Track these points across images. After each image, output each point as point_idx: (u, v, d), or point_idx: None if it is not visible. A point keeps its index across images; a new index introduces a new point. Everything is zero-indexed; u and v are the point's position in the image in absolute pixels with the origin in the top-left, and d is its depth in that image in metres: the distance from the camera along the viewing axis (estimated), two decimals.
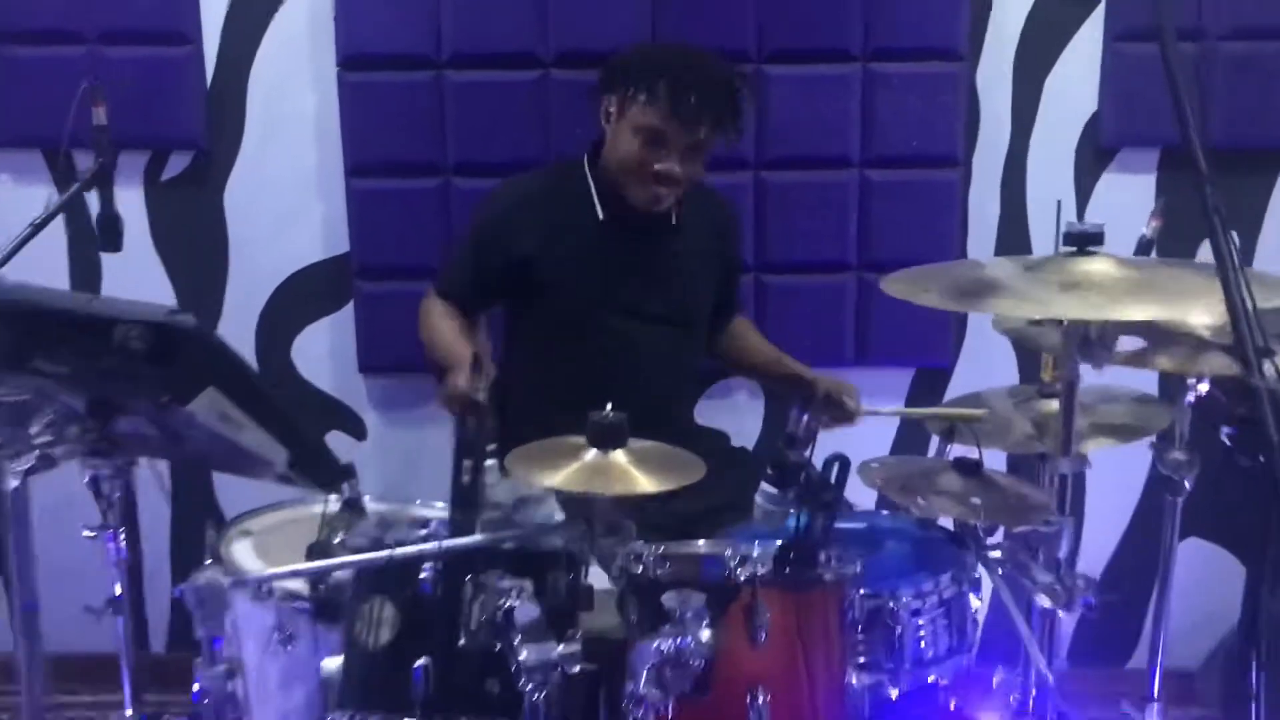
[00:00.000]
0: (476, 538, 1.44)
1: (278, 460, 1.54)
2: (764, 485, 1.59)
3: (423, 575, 1.43)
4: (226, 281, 2.91)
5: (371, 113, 2.76)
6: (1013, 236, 2.85)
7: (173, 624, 3.02)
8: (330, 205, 2.84)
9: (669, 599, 1.45)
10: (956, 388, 2.90)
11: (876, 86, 2.74)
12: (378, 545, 1.48)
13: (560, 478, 1.46)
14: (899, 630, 1.81)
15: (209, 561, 1.88)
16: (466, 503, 1.45)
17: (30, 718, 1.90)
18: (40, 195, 2.79)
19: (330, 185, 2.82)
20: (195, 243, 2.89)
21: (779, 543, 1.52)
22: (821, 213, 2.80)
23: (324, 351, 2.95)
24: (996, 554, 1.69)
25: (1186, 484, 1.90)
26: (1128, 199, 2.80)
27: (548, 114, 2.74)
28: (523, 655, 1.34)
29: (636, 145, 2.21)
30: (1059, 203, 2.01)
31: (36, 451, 1.69)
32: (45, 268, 2.84)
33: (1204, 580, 2.90)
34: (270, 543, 1.97)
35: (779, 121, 2.76)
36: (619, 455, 1.49)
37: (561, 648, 1.36)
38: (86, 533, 2.03)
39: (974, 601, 1.91)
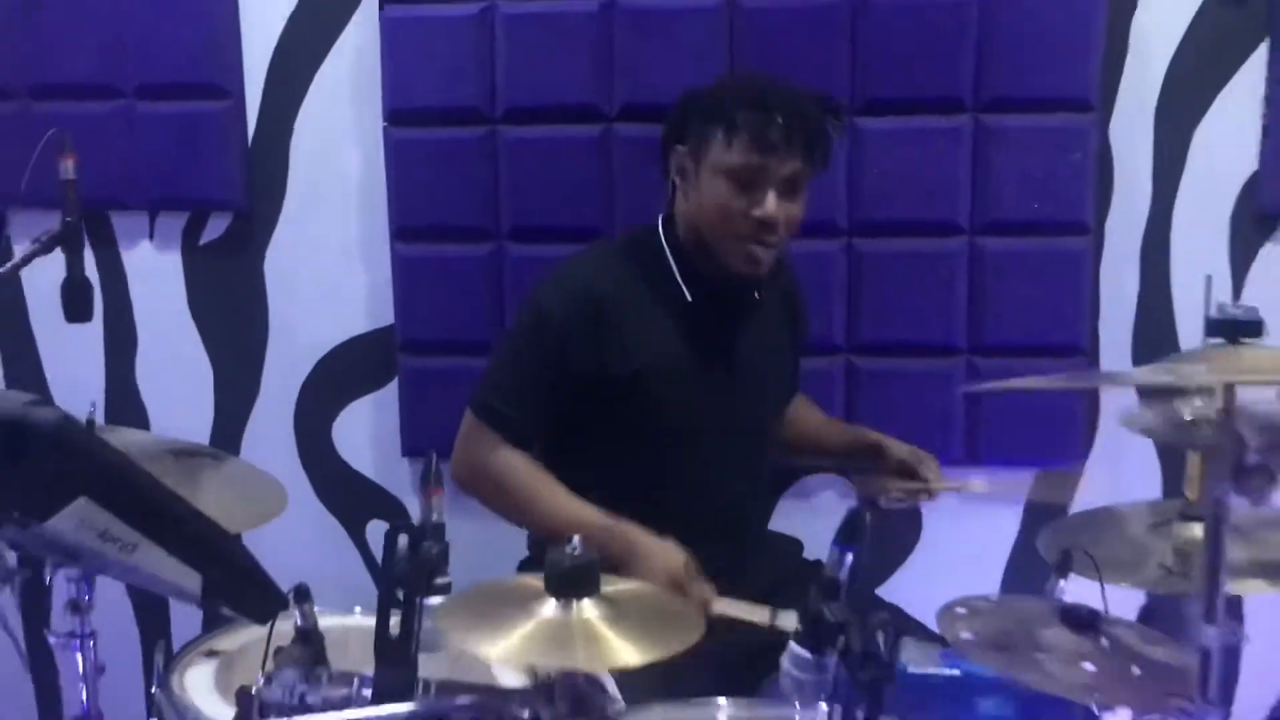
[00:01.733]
0: (403, 708, 1.11)
1: (190, 586, 1.24)
2: (792, 647, 1.21)
3: None
4: (265, 354, 2.68)
5: (419, 171, 2.50)
6: (1155, 318, 2.42)
7: None
8: (375, 273, 2.59)
9: None
10: (1085, 496, 2.46)
11: (991, 141, 2.35)
12: (292, 704, 1.16)
13: (503, 645, 1.10)
14: None
15: (155, 689, 1.61)
16: (394, 659, 1.12)
17: None
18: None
19: (375, 251, 2.57)
20: (234, 311, 2.67)
21: None
22: (925, 287, 2.42)
23: (366, 432, 2.68)
24: None
25: None
26: None
27: (611, 173, 2.44)
28: None
29: (725, 192, 1.87)
30: (1208, 279, 1.60)
31: None
32: (78, 336, 2.67)
33: None
34: (236, 669, 1.66)
35: (876, 181, 2.40)
36: (587, 607, 1.13)
37: None
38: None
39: None
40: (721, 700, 1.27)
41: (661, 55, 2.39)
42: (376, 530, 2.69)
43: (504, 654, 1.10)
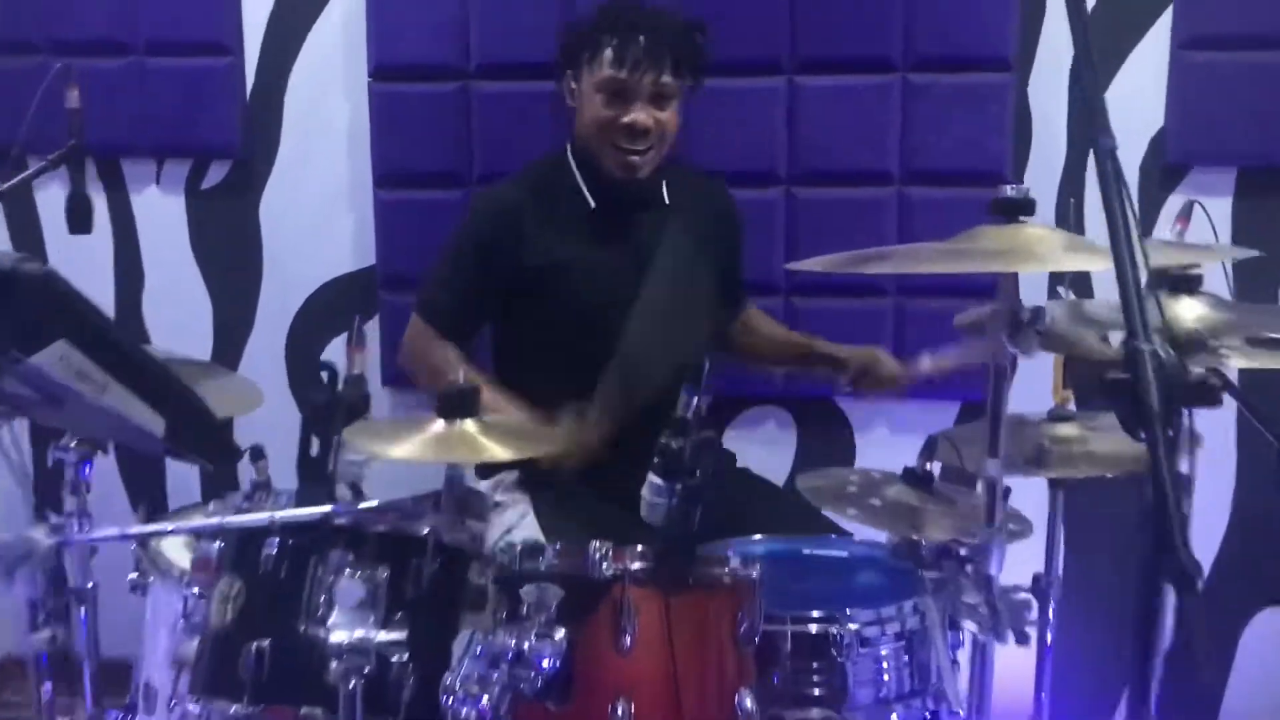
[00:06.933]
0: (313, 511, 1.34)
1: (153, 428, 1.47)
2: (650, 477, 1.43)
3: (265, 552, 1.34)
4: (260, 291, 2.92)
5: (400, 123, 2.74)
6: None
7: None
8: (359, 217, 2.84)
9: (527, 593, 1.32)
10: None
11: (918, 98, 2.57)
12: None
13: (403, 449, 1.35)
14: (844, 662, 1.62)
15: (134, 547, 1.85)
16: (314, 476, 1.36)
17: None
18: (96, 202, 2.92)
19: (360, 196, 2.81)
20: (232, 251, 2.92)
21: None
22: (857, 231, 2.63)
23: None
24: (933, 574, 1.49)
25: None
26: (1199, 223, 2.53)
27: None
28: (332, 638, 1.22)
29: (599, 105, 2.17)
30: (1071, 201, 1.82)
31: None
32: (90, 274, 2.93)
33: None
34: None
35: (813, 135, 2.62)
36: (468, 426, 1.37)
37: (381, 634, 1.24)
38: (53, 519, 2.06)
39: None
40: None
41: None
42: None
43: (404, 455, 1.34)
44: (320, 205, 2.86)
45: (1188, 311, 1.50)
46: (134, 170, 2.91)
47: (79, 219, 2.00)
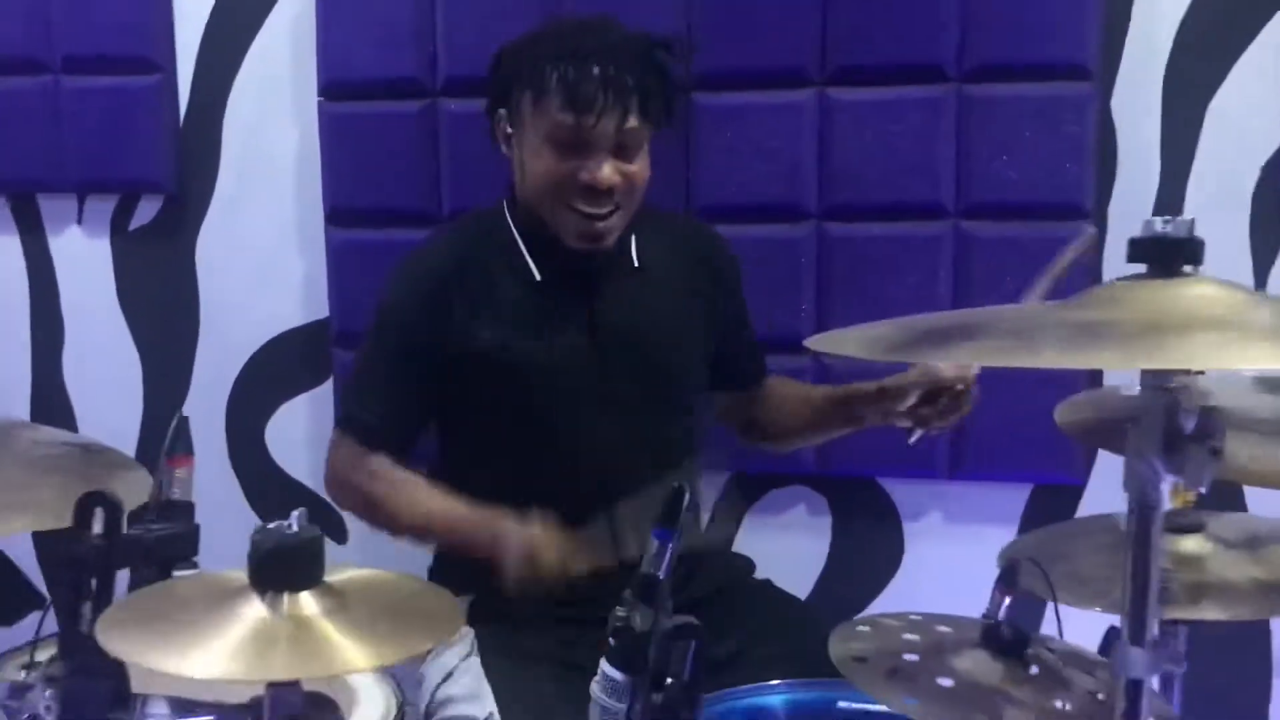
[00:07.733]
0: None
1: None
2: (603, 666, 0.96)
3: None
4: (196, 349, 2.49)
5: (356, 149, 2.31)
6: None
7: None
8: (310, 261, 2.40)
9: None
10: (1088, 513, 2.18)
11: (977, 114, 2.10)
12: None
13: (188, 660, 0.84)
14: None
15: None
16: (86, 662, 0.90)
17: None
18: (9, 245, 2.52)
19: (310, 237, 2.38)
20: (164, 303, 2.49)
21: None
22: (904, 276, 2.16)
23: (300, 434, 2.48)
24: None
25: None
26: None
27: None
28: None
29: (549, 158, 1.68)
30: None
31: None
32: (4, 329, 2.53)
33: None
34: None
35: (849, 159, 2.16)
36: (303, 602, 0.89)
37: None
38: None
39: None
40: None
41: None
42: None
43: (191, 670, 0.86)
44: (265, 247, 2.42)
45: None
46: (52, 207, 2.50)
47: None
